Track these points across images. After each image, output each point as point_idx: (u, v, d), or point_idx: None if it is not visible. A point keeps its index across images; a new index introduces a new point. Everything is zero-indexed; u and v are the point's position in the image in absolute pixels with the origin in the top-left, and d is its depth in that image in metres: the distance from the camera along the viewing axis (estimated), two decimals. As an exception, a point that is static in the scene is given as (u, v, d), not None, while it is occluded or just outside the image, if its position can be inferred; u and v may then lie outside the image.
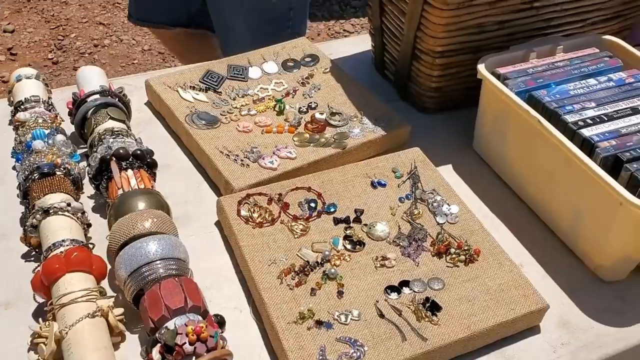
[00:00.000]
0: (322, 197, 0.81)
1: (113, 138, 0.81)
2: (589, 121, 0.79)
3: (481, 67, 0.87)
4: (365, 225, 0.78)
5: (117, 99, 0.89)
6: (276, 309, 0.67)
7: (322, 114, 0.95)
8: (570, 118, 0.79)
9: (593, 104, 0.81)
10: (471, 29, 0.91)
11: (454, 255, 0.75)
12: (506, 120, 0.85)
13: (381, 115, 0.95)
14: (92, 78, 0.92)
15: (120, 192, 0.75)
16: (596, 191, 0.72)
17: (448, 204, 0.81)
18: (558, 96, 0.83)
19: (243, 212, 0.77)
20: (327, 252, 0.74)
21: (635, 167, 0.72)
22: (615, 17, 1.02)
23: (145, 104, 1.00)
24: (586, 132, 0.77)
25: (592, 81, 0.86)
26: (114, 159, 0.78)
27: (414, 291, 0.71)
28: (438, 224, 0.79)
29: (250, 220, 0.77)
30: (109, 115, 0.85)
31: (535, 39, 0.95)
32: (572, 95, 0.83)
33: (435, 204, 0.81)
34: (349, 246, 0.76)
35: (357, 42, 1.18)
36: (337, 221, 0.79)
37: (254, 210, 0.78)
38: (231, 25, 1.33)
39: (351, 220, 0.79)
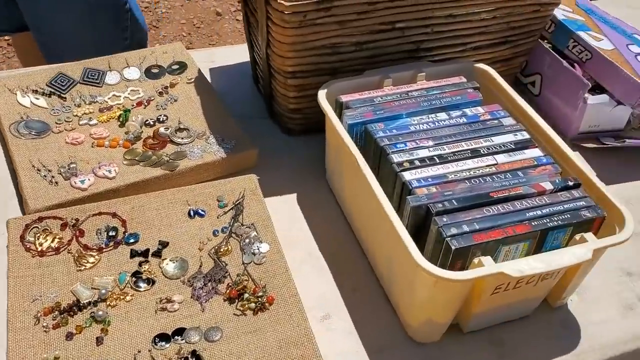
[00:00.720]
0: (126, 225, 0.74)
1: None
2: (417, 162, 0.71)
3: (321, 94, 0.80)
4: (165, 260, 0.72)
5: (-63, 101, 0.83)
6: (17, 354, 0.61)
7: (167, 129, 0.88)
8: (396, 158, 0.71)
9: (430, 143, 0.74)
10: (324, 49, 0.83)
11: (244, 302, 0.68)
12: (341, 153, 0.78)
13: (231, 135, 0.88)
14: None
15: None
16: (401, 246, 0.64)
17: (260, 242, 0.74)
18: (395, 131, 0.75)
19: (28, 237, 0.71)
20: (104, 291, 0.67)
21: (445, 220, 0.64)
22: (504, 42, 0.93)
23: (-12, 105, 0.94)
24: (408, 175, 0.69)
25: (442, 115, 0.78)
26: None
27: (187, 342, 0.64)
28: (243, 263, 0.72)
29: (33, 247, 0.70)
30: None
31: (406, 62, 0.87)
32: (411, 131, 0.75)
33: (247, 241, 0.74)
34: (139, 284, 0.69)
35: (243, 52, 1.11)
36: (134, 254, 0.72)
37: (42, 236, 0.72)
38: (57, 23, 1.15)
39: (150, 254, 0.72)
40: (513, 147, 0.74)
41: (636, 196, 0.89)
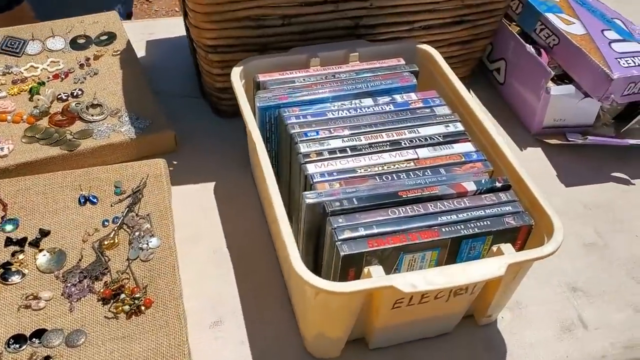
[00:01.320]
0: (6, 210, 0.67)
1: None
2: (326, 154, 0.62)
3: (236, 71, 0.71)
4: (42, 251, 0.64)
5: None
6: None
7: (79, 104, 0.81)
8: (304, 147, 0.62)
9: (347, 132, 0.65)
10: (246, 21, 0.74)
11: (119, 303, 0.60)
12: (251, 139, 0.69)
13: (148, 114, 0.80)
14: None
15: None
16: (285, 248, 0.56)
17: (152, 236, 0.66)
18: (309, 117, 0.66)
19: None
20: (-37, 282, 0.60)
21: (340, 222, 0.55)
22: (459, 22, 0.83)
23: None
24: (312, 167, 0.60)
25: (368, 101, 0.69)
26: None
27: (45, 345, 0.57)
28: (128, 259, 0.64)
29: None
30: None
31: (343, 40, 0.78)
32: (327, 118, 0.66)
33: (137, 234, 0.66)
34: (6, 277, 0.62)
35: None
36: (8, 242, 0.65)
37: None
38: None
39: (27, 243, 0.65)
40: (441, 140, 0.64)
41: (595, 202, 0.79)
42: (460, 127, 0.66)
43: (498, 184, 0.60)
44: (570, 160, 0.85)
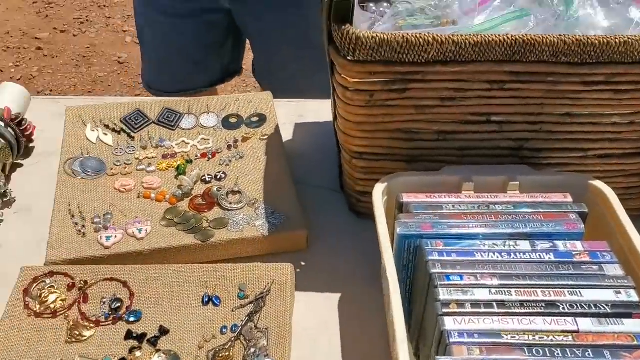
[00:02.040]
0: (133, 299, 0.67)
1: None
2: (468, 306, 0.55)
3: (379, 188, 0.66)
4: (158, 351, 0.63)
5: (8, 128, 0.83)
6: None
7: (220, 189, 0.80)
8: (444, 294, 0.56)
9: (495, 282, 0.57)
10: (398, 133, 0.69)
11: None
12: (384, 271, 0.63)
13: (284, 208, 0.78)
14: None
15: None
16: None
17: (267, 356, 0.62)
18: (454, 256, 0.59)
19: (33, 292, 0.67)
20: (79, 376, 0.60)
21: (476, 405, 0.47)
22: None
23: (65, 132, 0.93)
24: (450, 323, 0.53)
25: (524, 245, 0.61)
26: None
27: None
28: (239, 378, 0.61)
29: (32, 305, 0.65)
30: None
31: (503, 161, 0.71)
32: (475, 260, 0.59)
33: (252, 350, 0.63)
34: (121, 372, 0.61)
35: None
36: (129, 335, 0.64)
37: (46, 293, 0.66)
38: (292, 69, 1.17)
39: (145, 340, 0.64)
40: (608, 310, 0.54)
41: None
42: (634, 296, 0.56)
43: (679, 388, 0.49)
44: None
